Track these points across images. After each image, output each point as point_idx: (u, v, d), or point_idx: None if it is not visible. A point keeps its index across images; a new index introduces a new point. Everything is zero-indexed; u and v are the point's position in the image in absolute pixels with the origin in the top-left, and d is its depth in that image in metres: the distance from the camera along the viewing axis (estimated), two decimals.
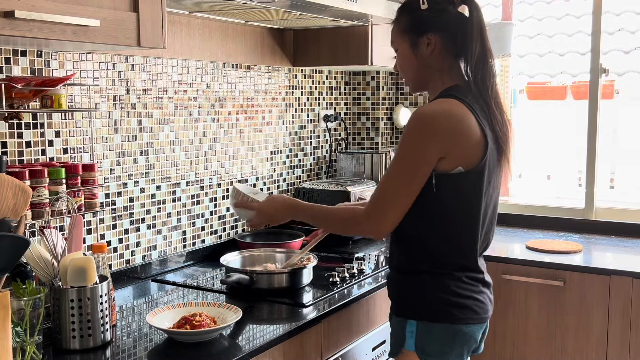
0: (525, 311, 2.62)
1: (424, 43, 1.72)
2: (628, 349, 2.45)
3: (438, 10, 1.71)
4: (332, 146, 3.27)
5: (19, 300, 1.47)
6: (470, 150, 1.64)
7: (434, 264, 1.70)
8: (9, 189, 1.40)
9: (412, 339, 1.71)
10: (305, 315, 1.89)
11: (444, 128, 1.62)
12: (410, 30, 1.74)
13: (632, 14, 3.09)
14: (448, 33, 1.71)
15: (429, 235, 1.70)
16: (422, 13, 1.72)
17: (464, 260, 1.72)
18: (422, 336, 1.70)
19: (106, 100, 2.13)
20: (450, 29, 1.70)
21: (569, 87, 3.42)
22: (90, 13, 1.55)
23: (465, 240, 1.71)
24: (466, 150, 1.64)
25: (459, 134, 1.62)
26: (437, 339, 1.70)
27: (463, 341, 1.71)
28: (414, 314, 1.72)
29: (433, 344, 1.70)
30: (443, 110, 1.64)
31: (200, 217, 2.52)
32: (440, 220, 1.68)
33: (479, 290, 1.74)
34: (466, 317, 1.70)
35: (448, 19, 1.70)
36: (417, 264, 1.73)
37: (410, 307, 1.73)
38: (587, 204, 3.14)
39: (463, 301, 1.70)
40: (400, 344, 1.74)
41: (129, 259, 2.24)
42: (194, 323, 1.65)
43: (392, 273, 1.81)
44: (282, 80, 2.92)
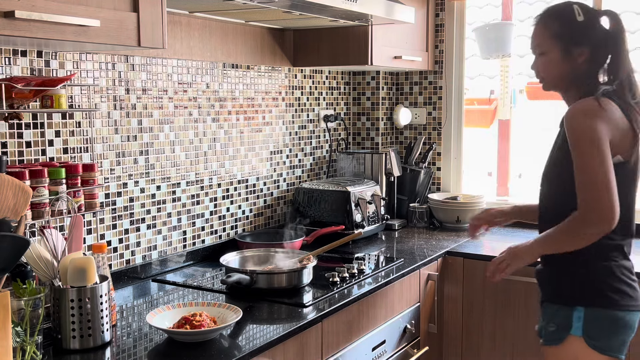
0: (525, 311, 2.62)
1: (577, 54, 1.86)
2: (628, 349, 2.45)
3: (591, 23, 1.86)
4: (332, 146, 3.27)
5: (19, 300, 1.47)
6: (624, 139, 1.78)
7: (601, 249, 1.80)
8: (9, 189, 1.40)
9: (579, 324, 1.79)
10: (305, 315, 1.89)
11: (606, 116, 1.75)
12: (563, 38, 1.86)
13: (632, 14, 3.08)
14: (598, 45, 1.84)
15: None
16: (578, 23, 1.85)
17: (622, 247, 1.84)
18: (591, 322, 1.79)
19: (106, 100, 2.13)
20: (599, 41, 1.84)
21: None
22: (91, 13, 1.55)
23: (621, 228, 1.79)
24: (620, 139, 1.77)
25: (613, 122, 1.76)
26: (603, 325, 1.79)
27: (626, 328, 1.82)
28: (582, 300, 1.80)
29: (599, 330, 1.79)
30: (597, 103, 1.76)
31: (200, 217, 2.52)
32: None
33: (633, 278, 1.85)
34: (628, 304, 1.81)
35: (597, 32, 1.85)
36: (585, 250, 1.78)
37: (578, 293, 1.82)
38: None
39: (625, 288, 1.81)
40: (565, 330, 1.81)
41: (129, 259, 2.24)
42: (194, 323, 1.65)
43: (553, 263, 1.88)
44: (282, 81, 2.92)
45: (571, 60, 1.86)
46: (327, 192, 2.84)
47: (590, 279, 1.82)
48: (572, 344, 1.81)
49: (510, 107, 3.49)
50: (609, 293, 1.80)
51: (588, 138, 1.74)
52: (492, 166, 3.56)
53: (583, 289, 1.82)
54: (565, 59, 1.87)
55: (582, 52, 1.85)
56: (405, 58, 2.98)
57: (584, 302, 1.80)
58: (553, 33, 1.88)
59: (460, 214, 3.12)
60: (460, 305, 2.73)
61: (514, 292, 2.63)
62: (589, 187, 1.73)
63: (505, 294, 2.64)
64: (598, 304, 1.80)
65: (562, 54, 1.87)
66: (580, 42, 1.85)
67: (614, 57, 1.85)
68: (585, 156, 1.74)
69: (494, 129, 3.61)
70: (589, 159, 1.73)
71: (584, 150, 1.74)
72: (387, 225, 3.05)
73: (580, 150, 1.75)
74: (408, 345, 2.43)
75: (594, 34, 1.85)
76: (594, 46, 1.85)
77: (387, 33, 2.84)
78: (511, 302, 2.64)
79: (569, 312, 1.81)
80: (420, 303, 2.51)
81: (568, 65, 1.87)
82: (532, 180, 3.64)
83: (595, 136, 1.73)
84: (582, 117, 1.77)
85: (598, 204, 1.71)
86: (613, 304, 1.79)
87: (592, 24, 1.86)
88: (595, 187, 1.72)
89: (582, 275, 1.82)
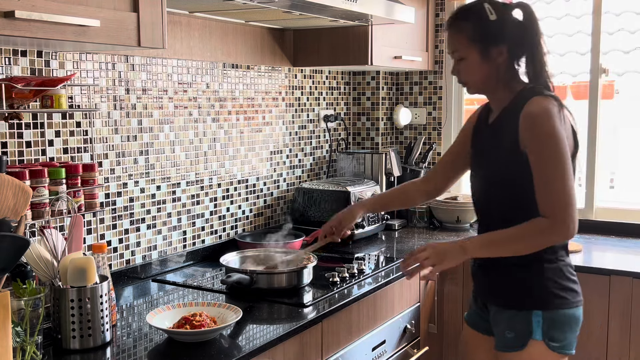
0: None
1: (495, 53, 1.82)
2: (628, 349, 2.45)
3: (504, 19, 1.81)
4: (332, 146, 3.27)
5: (19, 300, 1.47)
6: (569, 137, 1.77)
7: (551, 251, 1.80)
8: (9, 189, 1.40)
9: (539, 328, 1.79)
10: (305, 315, 1.89)
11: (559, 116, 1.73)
12: (480, 40, 1.82)
13: (632, 14, 3.08)
14: (514, 40, 1.81)
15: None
16: (491, 23, 1.81)
17: (567, 245, 1.85)
18: (549, 324, 1.79)
19: (106, 100, 2.13)
20: (515, 36, 1.80)
21: (568, 87, 3.42)
22: (91, 13, 1.55)
23: None
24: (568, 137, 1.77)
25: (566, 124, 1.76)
26: (560, 326, 1.80)
27: (577, 324, 1.84)
28: (539, 304, 1.80)
29: (558, 330, 1.80)
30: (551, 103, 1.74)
31: (200, 217, 2.52)
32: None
33: (575, 273, 1.88)
34: (577, 300, 1.83)
35: (512, 27, 1.81)
36: (531, 257, 1.79)
37: (534, 298, 1.81)
38: (587, 204, 3.14)
39: (572, 285, 1.84)
40: (526, 336, 1.80)
41: (129, 259, 2.24)
42: (194, 323, 1.65)
43: (501, 270, 1.86)
44: (282, 81, 2.92)
45: (491, 61, 1.82)
46: (327, 192, 2.84)
47: (544, 282, 1.80)
48: (534, 348, 1.79)
49: None
50: (561, 293, 1.80)
51: (552, 141, 1.70)
52: None
53: (539, 293, 1.80)
54: (485, 61, 1.82)
55: (501, 51, 1.81)
56: (405, 58, 2.98)
57: (541, 306, 1.79)
58: (468, 36, 1.82)
59: (460, 214, 3.12)
60: (460, 305, 2.73)
61: None
62: (561, 198, 1.70)
63: None
64: (554, 305, 1.79)
65: (481, 57, 1.82)
66: (497, 42, 1.80)
67: (531, 49, 1.81)
68: (554, 163, 1.70)
69: None
70: (560, 167, 1.69)
71: (552, 156, 1.70)
72: (387, 225, 3.05)
73: (549, 156, 1.71)
74: (408, 345, 2.43)
75: (509, 30, 1.80)
76: (511, 43, 1.80)
77: (387, 33, 2.84)
78: None
79: (528, 317, 1.79)
80: (420, 303, 2.51)
81: (489, 67, 1.83)
82: None
83: (558, 137, 1.70)
84: (542, 118, 1.72)
85: (569, 216, 1.69)
86: (567, 303, 1.81)
87: (505, 21, 1.80)
88: (567, 198, 1.69)
89: (535, 279, 1.81)
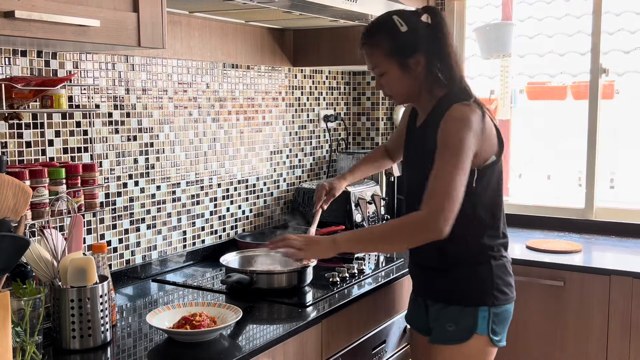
0: (525, 311, 2.62)
1: (413, 64, 1.84)
2: (628, 349, 2.45)
3: (415, 29, 1.83)
4: (332, 146, 3.27)
5: (19, 300, 1.47)
6: (493, 140, 1.84)
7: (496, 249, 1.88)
8: (9, 189, 1.40)
9: (485, 323, 1.85)
10: (305, 315, 1.89)
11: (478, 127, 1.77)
12: (396, 53, 1.84)
13: (632, 14, 3.08)
14: (428, 47, 1.83)
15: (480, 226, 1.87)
16: (403, 35, 1.83)
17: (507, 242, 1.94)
18: (494, 319, 1.86)
19: (106, 100, 2.13)
20: (428, 42, 1.83)
21: (569, 87, 3.42)
22: (90, 13, 1.55)
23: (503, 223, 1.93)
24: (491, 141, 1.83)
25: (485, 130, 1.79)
26: (502, 320, 1.88)
27: (510, 318, 1.92)
28: (485, 300, 1.86)
29: (499, 325, 1.88)
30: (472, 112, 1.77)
31: (200, 217, 2.52)
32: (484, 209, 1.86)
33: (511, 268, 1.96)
34: (514, 295, 1.93)
35: (423, 34, 1.83)
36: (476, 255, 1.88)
37: (480, 294, 1.87)
38: (587, 204, 3.14)
39: (512, 280, 1.93)
40: (471, 330, 1.85)
41: (129, 259, 2.24)
42: (194, 323, 1.65)
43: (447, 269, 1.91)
44: (282, 81, 2.92)
45: (411, 71, 1.84)
46: None
47: (492, 278, 1.87)
48: (475, 342, 1.86)
49: (510, 107, 3.49)
50: (505, 289, 1.89)
51: (455, 148, 1.74)
52: None
53: (486, 290, 1.86)
54: (405, 73, 1.85)
55: (418, 61, 1.83)
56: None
57: (488, 302, 1.86)
58: (384, 52, 1.84)
59: None
60: None
61: None
62: (441, 196, 1.71)
63: None
64: (500, 301, 1.87)
65: (401, 70, 1.84)
66: (412, 52, 1.82)
67: (441, 54, 1.83)
68: (447, 165, 1.73)
69: None
70: (450, 168, 1.72)
71: (448, 159, 1.73)
72: None
73: (445, 158, 1.74)
74: (408, 345, 2.43)
75: (422, 38, 1.83)
76: (426, 50, 1.83)
77: None
78: None
79: (474, 313, 1.85)
80: None
81: (410, 78, 1.85)
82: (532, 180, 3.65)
83: (463, 148, 1.73)
84: (456, 125, 1.75)
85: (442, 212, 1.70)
86: (508, 298, 1.90)
87: (417, 30, 1.83)
88: (448, 198, 1.71)
89: (483, 277, 1.87)
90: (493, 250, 1.88)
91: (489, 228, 1.88)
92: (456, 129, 1.75)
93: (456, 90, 1.84)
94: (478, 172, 1.81)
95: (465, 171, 1.74)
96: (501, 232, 1.92)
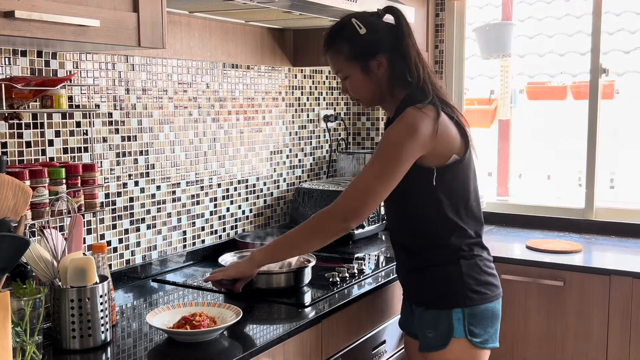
0: (525, 311, 2.62)
1: (374, 66, 1.84)
2: (628, 349, 2.45)
3: (375, 30, 1.83)
4: (332, 146, 3.27)
5: (19, 300, 1.47)
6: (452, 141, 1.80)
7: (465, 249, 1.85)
8: (9, 189, 1.40)
9: (460, 326, 1.82)
10: (305, 315, 1.89)
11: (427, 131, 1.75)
12: (357, 57, 1.85)
13: (632, 14, 3.09)
14: (389, 48, 1.83)
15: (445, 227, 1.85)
16: (363, 37, 1.83)
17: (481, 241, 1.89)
18: (469, 321, 1.82)
19: (106, 100, 2.13)
20: (389, 43, 1.83)
21: (569, 87, 3.42)
22: (90, 13, 1.55)
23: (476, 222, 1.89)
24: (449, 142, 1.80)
25: (440, 134, 1.77)
26: (481, 321, 1.84)
27: (497, 317, 1.89)
28: (458, 302, 1.83)
29: (478, 326, 1.82)
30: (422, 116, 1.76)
31: (200, 217, 2.52)
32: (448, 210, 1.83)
33: (493, 266, 1.93)
34: (495, 294, 1.88)
35: (384, 35, 1.83)
36: (445, 256, 1.85)
37: (452, 296, 1.84)
38: (587, 204, 3.14)
39: (491, 279, 1.89)
40: (448, 334, 1.83)
41: (129, 259, 2.24)
42: (194, 323, 1.65)
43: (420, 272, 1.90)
44: (282, 80, 2.92)
45: (373, 74, 1.84)
46: (327, 192, 2.84)
47: (462, 279, 1.83)
48: (456, 346, 1.82)
49: (510, 107, 3.49)
50: (480, 288, 1.84)
51: (387, 154, 1.77)
52: (492, 166, 3.56)
53: (458, 290, 1.83)
54: (367, 76, 1.85)
55: (380, 63, 1.83)
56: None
57: (461, 304, 1.82)
58: (345, 56, 1.85)
59: None
60: None
61: (513, 292, 2.63)
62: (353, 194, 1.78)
63: (505, 293, 2.64)
64: (474, 301, 1.83)
65: (363, 73, 1.84)
66: (373, 54, 1.82)
67: (402, 53, 1.82)
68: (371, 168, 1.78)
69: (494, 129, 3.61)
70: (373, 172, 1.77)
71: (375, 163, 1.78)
72: (387, 225, 3.05)
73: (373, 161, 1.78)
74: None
75: (383, 39, 1.82)
76: (388, 51, 1.82)
77: None
78: (511, 302, 2.64)
79: (449, 316, 1.82)
80: None
81: (372, 81, 1.85)
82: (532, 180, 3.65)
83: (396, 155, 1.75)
84: (397, 130, 1.77)
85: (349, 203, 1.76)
86: (486, 298, 1.84)
87: (377, 31, 1.82)
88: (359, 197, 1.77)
89: (454, 277, 1.84)
90: (463, 250, 1.84)
91: (457, 228, 1.84)
92: (396, 135, 1.77)
93: (415, 91, 1.83)
94: (437, 172, 1.79)
95: (391, 176, 1.75)
96: (473, 232, 1.87)
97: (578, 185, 3.42)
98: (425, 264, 1.87)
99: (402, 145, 1.75)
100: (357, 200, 1.78)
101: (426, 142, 1.76)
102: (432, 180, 1.79)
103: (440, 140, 1.77)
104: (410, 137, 1.75)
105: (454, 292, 1.83)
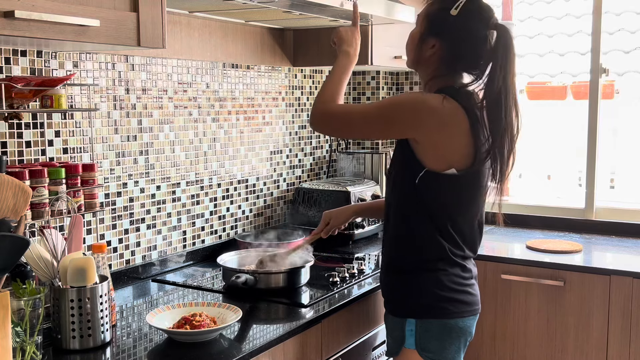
0: (525, 311, 2.62)
1: (429, 43, 1.76)
2: (628, 349, 2.45)
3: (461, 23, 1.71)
4: (332, 146, 3.27)
5: (19, 300, 1.47)
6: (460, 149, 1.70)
7: (427, 261, 1.75)
8: (9, 189, 1.40)
9: (412, 337, 1.75)
10: (305, 315, 1.89)
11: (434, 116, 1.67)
12: (429, 22, 1.77)
13: (632, 14, 3.08)
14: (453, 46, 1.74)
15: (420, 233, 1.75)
16: (447, 15, 1.72)
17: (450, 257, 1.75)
18: (422, 334, 1.74)
19: (106, 100, 2.13)
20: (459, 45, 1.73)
21: (569, 87, 3.42)
22: (90, 13, 1.55)
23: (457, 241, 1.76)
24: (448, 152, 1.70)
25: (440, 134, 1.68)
26: (436, 336, 1.74)
27: (460, 335, 1.76)
28: (412, 312, 1.76)
29: (432, 341, 1.74)
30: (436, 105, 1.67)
31: (200, 217, 2.52)
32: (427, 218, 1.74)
33: (467, 283, 1.79)
34: (460, 310, 1.75)
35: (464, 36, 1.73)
36: (410, 263, 1.78)
37: (408, 305, 1.77)
38: (587, 204, 3.14)
39: (456, 295, 1.75)
40: (400, 343, 1.78)
41: (129, 259, 2.24)
42: (194, 323, 1.65)
43: (386, 274, 1.86)
44: (282, 80, 2.92)
45: (422, 47, 1.78)
46: (327, 192, 2.84)
47: (419, 290, 1.75)
48: (406, 356, 1.78)
49: None
50: (438, 303, 1.73)
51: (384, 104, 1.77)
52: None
53: (412, 301, 1.76)
54: (419, 44, 1.78)
55: (434, 45, 1.75)
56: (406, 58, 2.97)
57: (414, 314, 1.75)
58: (426, 12, 1.78)
59: None
60: None
61: (513, 292, 2.63)
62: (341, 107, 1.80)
63: (505, 294, 2.64)
64: (428, 315, 1.74)
65: (420, 38, 1.78)
66: (436, 34, 1.74)
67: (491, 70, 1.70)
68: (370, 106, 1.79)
69: None
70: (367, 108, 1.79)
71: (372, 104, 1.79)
72: None
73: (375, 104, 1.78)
74: None
75: (459, 35, 1.72)
76: (450, 45, 1.74)
77: (387, 33, 2.83)
78: (511, 302, 2.64)
79: (402, 325, 1.77)
80: None
81: (418, 50, 1.79)
82: (532, 180, 3.65)
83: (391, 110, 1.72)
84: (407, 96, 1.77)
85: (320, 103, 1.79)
86: (444, 313, 1.73)
87: (462, 24, 1.71)
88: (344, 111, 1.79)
89: (411, 287, 1.76)
90: (429, 262, 1.74)
91: (432, 240, 1.73)
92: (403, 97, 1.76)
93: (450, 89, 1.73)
94: (426, 174, 1.69)
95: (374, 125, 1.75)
96: (450, 248, 1.74)
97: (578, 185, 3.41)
98: (392, 266, 1.83)
99: (401, 107, 1.71)
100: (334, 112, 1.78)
101: (422, 126, 1.68)
102: (417, 179, 1.70)
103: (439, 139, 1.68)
104: (412, 106, 1.69)
105: (410, 302, 1.76)
